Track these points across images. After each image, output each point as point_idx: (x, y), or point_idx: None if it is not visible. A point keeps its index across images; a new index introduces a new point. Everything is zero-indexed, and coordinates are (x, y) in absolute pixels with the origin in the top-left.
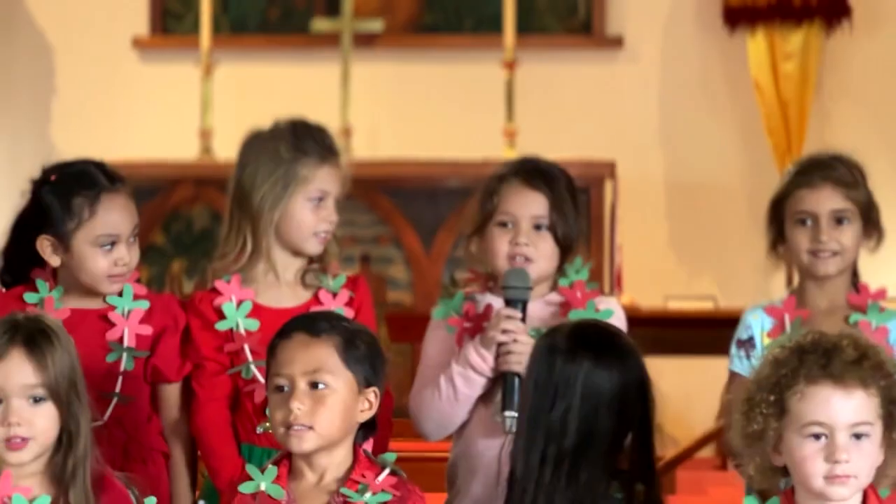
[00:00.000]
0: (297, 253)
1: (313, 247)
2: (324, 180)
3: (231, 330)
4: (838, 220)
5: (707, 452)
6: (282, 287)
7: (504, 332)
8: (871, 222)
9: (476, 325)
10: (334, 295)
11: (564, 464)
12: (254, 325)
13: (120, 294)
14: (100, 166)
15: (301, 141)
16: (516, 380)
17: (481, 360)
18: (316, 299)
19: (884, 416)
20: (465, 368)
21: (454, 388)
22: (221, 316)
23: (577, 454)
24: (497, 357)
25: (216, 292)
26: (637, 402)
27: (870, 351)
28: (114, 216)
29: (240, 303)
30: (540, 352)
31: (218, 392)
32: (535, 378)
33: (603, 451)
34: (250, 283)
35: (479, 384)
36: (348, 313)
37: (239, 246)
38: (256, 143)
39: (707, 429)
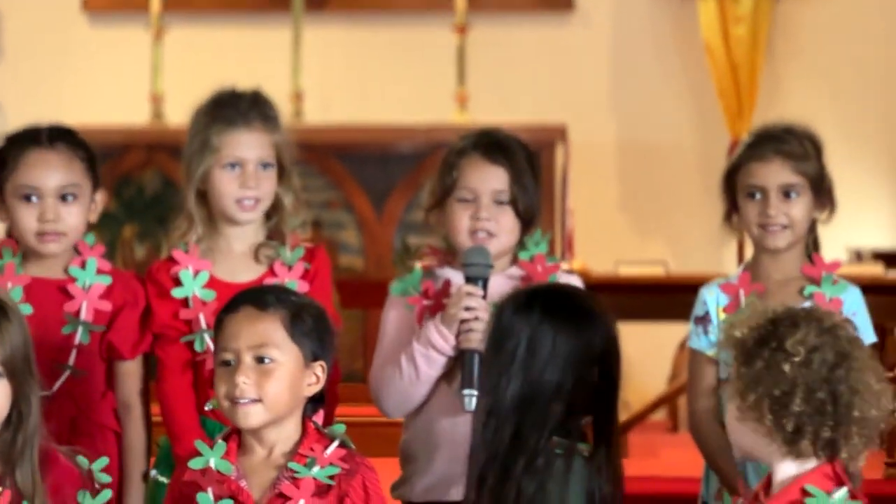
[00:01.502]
0: (232, 222)
1: (240, 215)
2: (236, 147)
3: (187, 298)
4: (787, 193)
5: (659, 416)
6: (237, 259)
7: (466, 309)
8: (822, 194)
9: (437, 303)
10: (290, 268)
11: (507, 416)
12: (209, 295)
13: (82, 267)
14: (56, 127)
15: (216, 109)
16: (476, 357)
17: (443, 339)
18: (271, 272)
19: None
20: (427, 348)
21: (416, 367)
22: (178, 284)
23: (520, 407)
24: (458, 335)
25: (173, 262)
26: (590, 364)
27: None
28: (36, 169)
29: (197, 272)
30: (496, 306)
31: (181, 359)
32: (488, 331)
33: (543, 406)
34: (208, 254)
35: (440, 363)
36: (302, 286)
37: (187, 219)
38: (192, 115)
39: (659, 392)
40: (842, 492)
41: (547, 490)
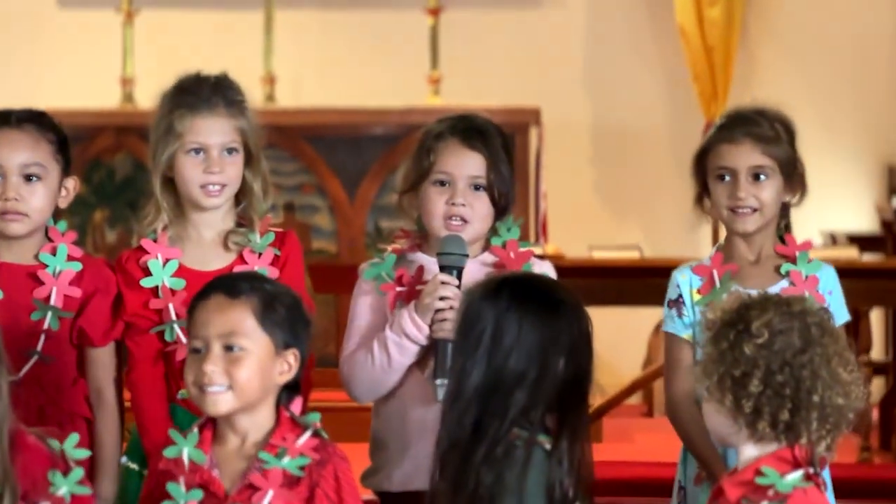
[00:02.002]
0: (199, 209)
1: (205, 201)
2: (198, 132)
3: (157, 287)
4: (756, 176)
5: (634, 400)
6: (207, 247)
7: (441, 299)
8: (793, 178)
9: (410, 290)
10: (259, 255)
11: (470, 403)
12: (179, 284)
13: (53, 253)
14: (29, 110)
15: (179, 94)
16: (450, 347)
17: (416, 328)
18: (241, 259)
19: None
20: (400, 336)
21: (388, 355)
22: (148, 273)
23: (483, 395)
24: (431, 324)
25: (143, 251)
26: (557, 355)
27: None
28: (0, 148)
29: (166, 261)
30: (466, 295)
31: (152, 350)
32: (458, 319)
33: (506, 394)
34: (176, 242)
35: (413, 351)
36: (272, 273)
37: (154, 206)
38: (158, 102)
39: (634, 377)
40: (796, 475)
41: (504, 480)
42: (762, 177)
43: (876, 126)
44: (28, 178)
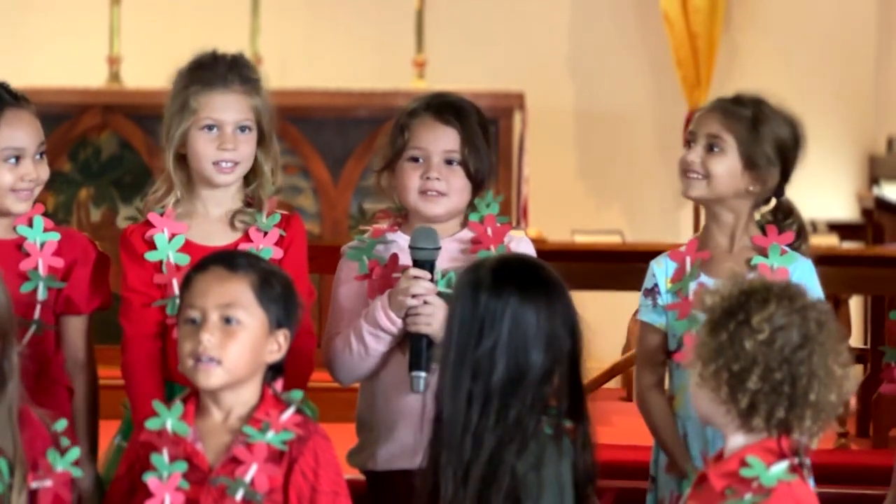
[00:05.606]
0: (211, 185)
1: (218, 177)
2: (213, 109)
3: (161, 262)
4: (710, 146)
5: (613, 384)
6: (213, 224)
7: (414, 296)
8: (752, 164)
9: (386, 278)
10: (265, 233)
11: (493, 401)
12: (184, 259)
13: (30, 225)
14: (3, 86)
15: (195, 71)
16: (424, 341)
17: (390, 322)
18: (246, 237)
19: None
20: (375, 328)
21: (364, 345)
22: (152, 247)
23: (506, 391)
24: (406, 317)
25: (149, 225)
26: (565, 336)
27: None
28: (18, 130)
29: (172, 236)
30: (463, 288)
31: (147, 327)
32: (461, 315)
33: (532, 387)
34: (184, 217)
35: (388, 340)
36: (277, 252)
37: (167, 182)
38: (173, 79)
39: (613, 361)
40: (780, 467)
41: (541, 472)
42: (716, 148)
43: (858, 115)
44: (42, 155)
